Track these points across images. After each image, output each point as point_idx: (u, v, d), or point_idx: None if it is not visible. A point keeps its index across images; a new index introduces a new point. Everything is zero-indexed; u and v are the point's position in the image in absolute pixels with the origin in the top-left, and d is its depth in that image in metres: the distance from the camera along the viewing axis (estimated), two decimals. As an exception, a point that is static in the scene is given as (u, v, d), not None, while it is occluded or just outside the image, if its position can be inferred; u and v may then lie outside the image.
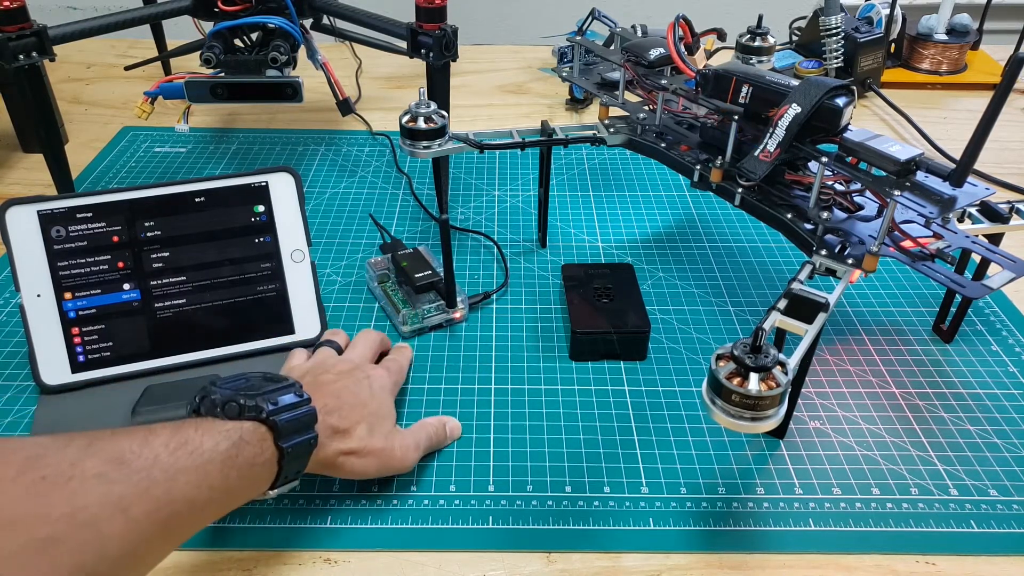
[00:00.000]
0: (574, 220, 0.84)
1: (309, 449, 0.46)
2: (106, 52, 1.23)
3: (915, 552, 0.50)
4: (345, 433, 0.49)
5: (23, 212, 0.59)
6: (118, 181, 0.89)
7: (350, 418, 0.50)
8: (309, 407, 0.46)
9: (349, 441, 0.49)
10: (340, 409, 0.50)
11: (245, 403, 0.44)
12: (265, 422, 0.44)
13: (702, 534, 0.51)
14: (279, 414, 0.44)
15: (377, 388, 0.54)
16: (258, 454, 0.43)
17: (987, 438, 0.58)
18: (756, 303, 0.72)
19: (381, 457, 0.51)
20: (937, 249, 0.56)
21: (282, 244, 0.65)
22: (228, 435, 0.42)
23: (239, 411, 0.43)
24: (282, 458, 0.44)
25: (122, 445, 0.38)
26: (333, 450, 0.49)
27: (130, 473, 0.37)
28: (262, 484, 0.44)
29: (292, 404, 0.45)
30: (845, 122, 0.57)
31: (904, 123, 1.04)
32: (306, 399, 0.46)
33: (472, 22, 1.77)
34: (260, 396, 0.44)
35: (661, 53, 0.70)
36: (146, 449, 0.38)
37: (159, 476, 0.38)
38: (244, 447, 0.42)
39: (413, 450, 0.53)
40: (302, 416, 0.45)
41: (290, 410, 0.45)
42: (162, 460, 0.38)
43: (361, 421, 0.50)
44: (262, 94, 0.79)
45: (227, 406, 0.44)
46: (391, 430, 0.53)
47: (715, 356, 0.44)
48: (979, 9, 1.18)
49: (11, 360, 0.64)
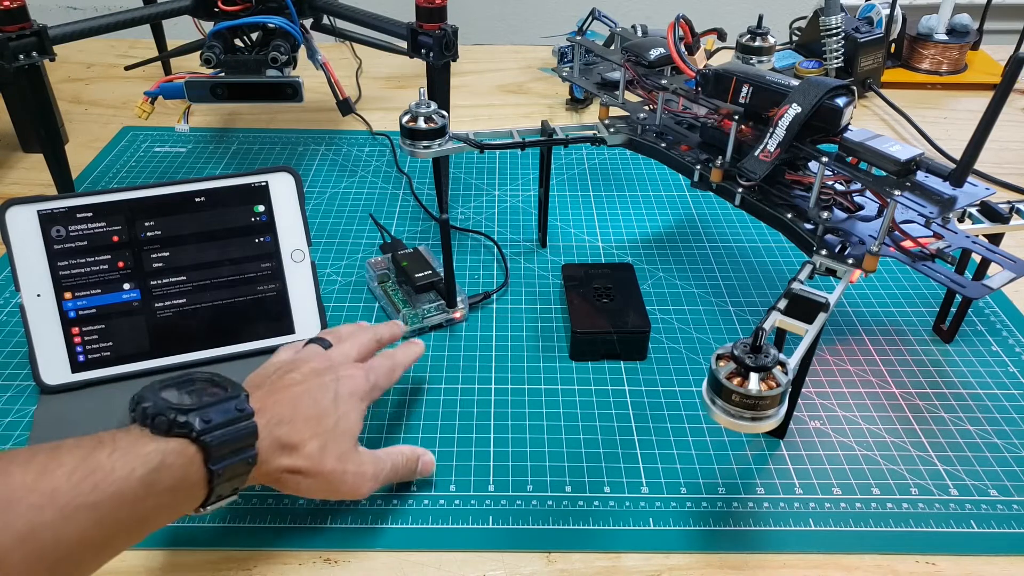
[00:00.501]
0: (574, 220, 0.84)
1: (246, 468, 0.43)
2: (106, 52, 1.23)
3: (915, 552, 0.50)
4: (293, 449, 0.46)
5: (23, 212, 0.59)
6: (118, 181, 0.89)
7: (302, 432, 0.46)
8: (248, 423, 0.43)
9: (296, 458, 0.46)
10: (293, 421, 0.46)
11: (175, 418, 0.40)
12: (195, 441, 0.40)
13: (702, 534, 0.51)
14: (211, 432, 0.41)
15: (345, 394, 0.50)
16: (182, 478, 0.40)
17: (987, 438, 0.58)
18: (756, 303, 0.72)
19: (330, 480, 0.47)
20: (937, 249, 0.56)
21: (282, 244, 0.65)
22: (147, 460, 0.38)
23: (168, 427, 0.40)
24: (212, 479, 0.41)
25: (15, 481, 0.35)
26: (276, 466, 0.45)
27: (13, 518, 0.34)
28: (187, 507, 0.41)
29: (229, 421, 0.42)
30: (845, 122, 0.57)
31: (904, 123, 1.04)
32: (247, 413, 0.43)
33: (472, 22, 1.77)
34: (193, 411, 0.41)
35: (661, 53, 0.70)
36: (43, 482, 0.35)
37: (49, 517, 0.35)
38: (165, 471, 0.39)
39: (369, 479, 0.49)
40: (240, 432, 0.42)
41: (225, 427, 0.41)
42: (60, 495, 0.35)
43: (314, 437, 0.46)
44: (262, 94, 0.79)
45: (156, 419, 0.40)
46: (348, 450, 0.48)
47: (715, 356, 0.44)
48: (979, 9, 1.18)
49: (11, 360, 0.64)
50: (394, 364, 0.56)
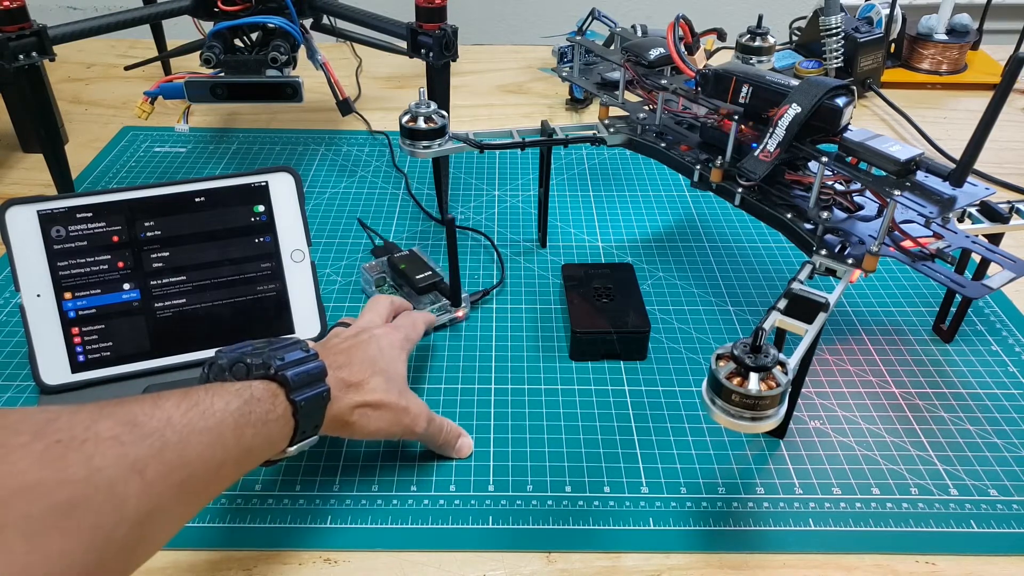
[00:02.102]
0: (574, 220, 0.84)
1: (323, 403, 0.46)
2: (106, 52, 1.23)
3: (915, 552, 0.50)
4: (358, 386, 0.49)
5: (23, 212, 0.59)
6: (118, 181, 0.89)
7: (361, 372, 0.50)
8: (317, 362, 0.46)
9: (363, 393, 0.49)
10: (350, 364, 0.50)
11: (252, 362, 0.44)
12: (275, 378, 0.44)
13: (702, 534, 0.51)
14: (288, 369, 0.44)
15: (385, 345, 0.53)
16: (271, 410, 0.43)
17: (987, 438, 0.58)
18: (756, 303, 0.72)
19: (396, 411, 0.50)
20: (937, 249, 0.56)
21: (282, 244, 0.65)
22: (239, 394, 0.42)
23: (247, 371, 0.44)
24: (296, 412, 0.44)
25: (133, 409, 0.38)
26: (348, 403, 0.48)
27: (143, 435, 0.36)
28: (279, 441, 0.44)
29: (300, 359, 0.45)
30: (845, 122, 0.57)
31: (904, 123, 1.04)
32: (313, 354, 0.46)
33: (472, 22, 1.77)
34: (267, 353, 0.45)
35: (661, 53, 0.70)
36: (157, 411, 0.38)
37: (172, 438, 0.37)
38: (256, 404, 0.42)
39: (425, 416, 0.53)
40: (311, 370, 0.45)
41: (298, 364, 0.45)
42: (175, 422, 0.38)
43: (373, 375, 0.50)
44: (262, 94, 0.79)
45: (235, 367, 0.44)
46: (404, 388, 0.52)
47: (715, 356, 0.44)
48: (979, 9, 1.19)
49: (11, 360, 0.64)
50: (414, 319, 0.60)
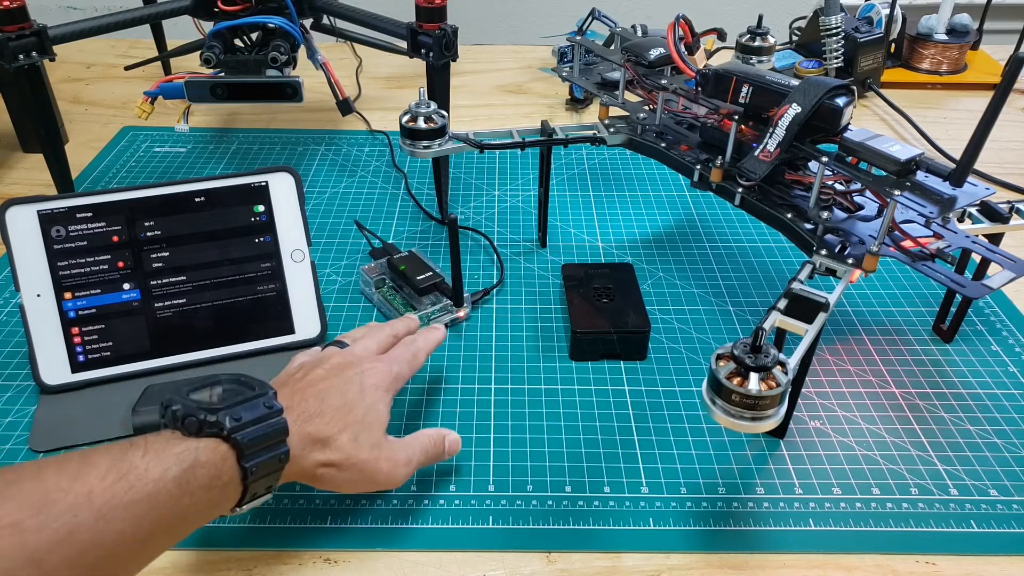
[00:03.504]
0: (574, 220, 0.84)
1: (279, 465, 0.43)
2: (106, 52, 1.23)
3: (915, 552, 0.50)
4: (325, 443, 0.46)
5: (23, 212, 0.59)
6: (118, 181, 0.89)
7: (333, 424, 0.46)
8: (279, 420, 0.43)
9: (329, 452, 0.46)
10: (322, 414, 0.46)
11: (204, 419, 0.40)
12: (227, 439, 0.40)
13: (702, 534, 0.51)
14: (243, 430, 0.41)
15: (369, 386, 0.50)
16: (217, 476, 0.40)
17: (987, 438, 0.58)
18: (756, 303, 0.72)
19: (364, 471, 0.47)
20: (937, 249, 0.56)
21: (282, 244, 0.65)
22: (180, 459, 0.39)
23: (198, 427, 0.40)
24: (246, 477, 0.41)
25: (48, 484, 0.35)
26: (312, 461, 0.45)
27: (52, 517, 0.34)
28: (223, 506, 0.41)
29: (259, 418, 0.42)
30: (845, 122, 0.57)
31: (904, 123, 1.04)
32: (276, 410, 0.43)
33: (472, 22, 1.77)
34: (222, 410, 0.41)
35: (661, 53, 0.70)
36: (77, 484, 0.35)
37: (87, 517, 0.35)
38: (200, 469, 0.39)
39: (403, 465, 0.49)
40: (271, 430, 0.42)
41: (256, 424, 0.41)
42: (95, 496, 0.35)
43: (344, 429, 0.47)
44: (262, 94, 0.79)
45: (187, 420, 0.40)
46: (379, 440, 0.48)
47: (715, 356, 0.44)
48: (979, 9, 1.19)
49: (11, 360, 0.64)
50: (416, 350, 0.56)
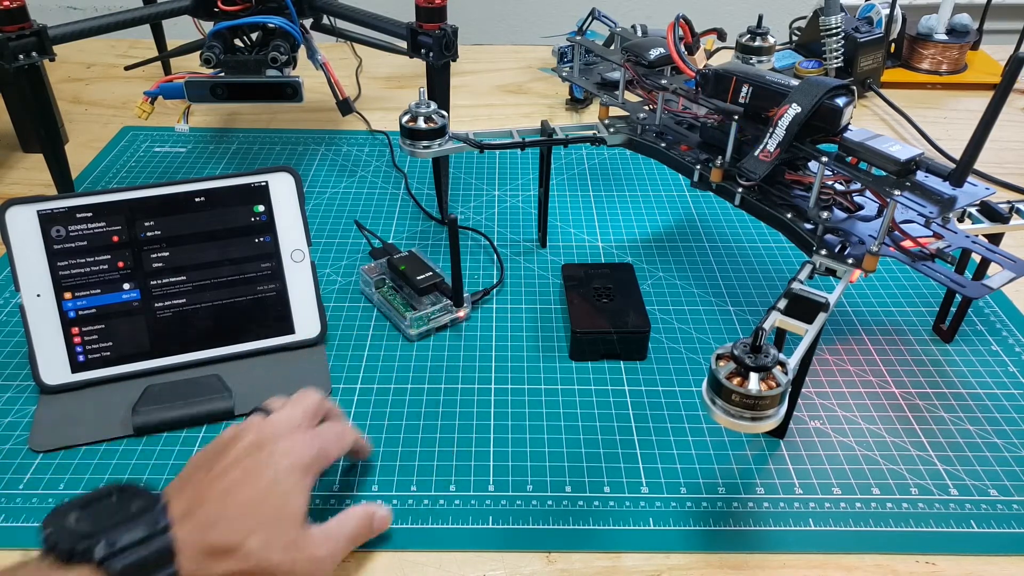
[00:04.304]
0: (574, 220, 0.84)
1: None
2: (106, 52, 1.23)
3: (915, 552, 0.50)
4: (229, 552, 0.41)
5: (23, 212, 0.59)
6: (118, 181, 0.89)
7: (239, 529, 0.42)
8: (163, 539, 0.39)
9: (234, 561, 0.41)
10: (224, 518, 0.42)
11: (75, 547, 0.38)
12: (99, 568, 0.38)
13: (702, 534, 0.51)
14: (115, 557, 0.38)
15: (284, 469, 0.45)
16: None
17: (987, 438, 0.58)
18: (756, 303, 0.72)
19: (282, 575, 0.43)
20: (937, 249, 0.56)
21: (282, 244, 0.65)
22: None
23: (69, 555, 0.38)
24: None
25: None
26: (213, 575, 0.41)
27: None
28: None
29: (138, 541, 0.39)
30: (845, 122, 0.57)
31: (904, 123, 1.04)
32: (160, 529, 0.40)
33: (472, 22, 1.77)
34: (95, 536, 0.38)
35: (661, 53, 0.70)
36: None
37: None
38: None
39: (325, 561, 0.45)
40: (147, 554, 0.39)
41: (135, 549, 0.38)
42: None
43: (252, 532, 0.42)
44: (262, 94, 0.79)
45: (57, 548, 0.38)
46: (295, 537, 0.44)
47: (715, 356, 0.44)
48: (979, 9, 1.19)
49: (11, 360, 0.64)
50: (341, 432, 0.51)
